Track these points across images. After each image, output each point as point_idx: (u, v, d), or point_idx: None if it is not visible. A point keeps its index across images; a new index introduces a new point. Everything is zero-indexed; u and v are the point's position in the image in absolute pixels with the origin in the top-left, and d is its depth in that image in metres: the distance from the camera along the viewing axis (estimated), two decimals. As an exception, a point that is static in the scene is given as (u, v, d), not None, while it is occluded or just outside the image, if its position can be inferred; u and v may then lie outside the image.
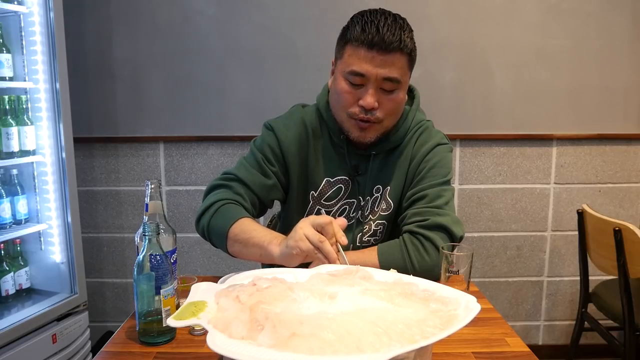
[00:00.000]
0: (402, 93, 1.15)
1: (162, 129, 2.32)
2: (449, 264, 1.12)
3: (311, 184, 1.24)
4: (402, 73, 1.11)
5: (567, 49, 2.27)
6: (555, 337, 2.53)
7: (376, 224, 1.25)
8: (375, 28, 1.07)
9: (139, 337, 0.97)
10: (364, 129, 1.15)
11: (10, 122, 1.82)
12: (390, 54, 1.08)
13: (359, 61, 1.09)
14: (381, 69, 1.08)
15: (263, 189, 1.21)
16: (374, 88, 1.10)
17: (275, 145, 1.22)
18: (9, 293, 1.90)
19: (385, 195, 1.24)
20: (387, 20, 1.08)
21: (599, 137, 2.35)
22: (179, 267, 1.16)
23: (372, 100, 1.10)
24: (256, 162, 1.22)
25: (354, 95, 1.12)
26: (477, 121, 2.32)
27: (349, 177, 1.23)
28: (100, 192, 2.39)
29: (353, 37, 1.10)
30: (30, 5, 1.85)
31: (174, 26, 2.25)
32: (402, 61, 1.10)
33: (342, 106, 1.15)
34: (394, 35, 1.07)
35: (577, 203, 2.34)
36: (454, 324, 0.70)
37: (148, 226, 0.95)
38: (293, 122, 1.24)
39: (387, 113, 1.14)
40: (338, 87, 1.14)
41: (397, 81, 1.11)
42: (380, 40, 1.06)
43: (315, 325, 0.67)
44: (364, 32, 1.07)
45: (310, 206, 1.26)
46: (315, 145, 1.24)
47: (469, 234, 2.42)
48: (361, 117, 1.13)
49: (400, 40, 1.07)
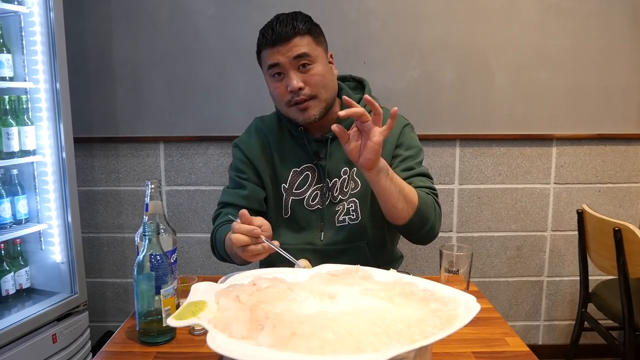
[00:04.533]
0: (319, 65, 1.26)
1: (162, 129, 2.32)
2: (449, 264, 1.13)
3: (280, 178, 1.36)
4: (310, 48, 1.24)
5: (567, 49, 2.27)
6: (555, 337, 2.53)
7: (348, 202, 1.34)
8: (271, 29, 1.24)
9: (139, 337, 0.98)
10: (304, 109, 1.26)
11: (11, 122, 1.82)
12: (290, 41, 1.22)
13: (270, 57, 1.25)
14: (288, 53, 1.22)
15: (244, 200, 1.34)
16: (293, 71, 1.23)
17: (242, 156, 1.38)
18: (9, 293, 1.90)
19: (353, 176, 1.34)
20: (279, 19, 1.24)
21: (599, 137, 2.35)
22: (179, 267, 1.16)
23: (295, 81, 1.23)
24: (233, 181, 1.39)
25: (281, 87, 1.26)
26: (477, 121, 2.32)
27: (312, 163, 1.35)
28: (100, 192, 2.39)
29: (260, 45, 1.28)
30: (30, 5, 1.85)
31: (174, 26, 2.25)
32: (304, 40, 1.24)
33: (279, 100, 1.28)
34: (287, 26, 1.22)
35: (577, 203, 2.35)
36: (454, 324, 0.70)
37: (148, 226, 0.95)
38: (252, 132, 1.41)
39: (314, 86, 1.25)
40: (270, 87, 1.30)
41: (307, 55, 1.23)
42: (277, 36, 1.22)
43: (315, 325, 0.67)
44: (265, 37, 1.25)
45: (284, 198, 1.36)
46: (278, 144, 1.37)
47: (469, 234, 2.43)
48: (296, 100, 1.25)
49: (293, 27, 1.22)
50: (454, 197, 2.39)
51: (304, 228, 1.36)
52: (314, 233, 1.35)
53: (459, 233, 2.42)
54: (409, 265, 2.40)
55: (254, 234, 1.03)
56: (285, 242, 1.35)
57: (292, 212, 1.36)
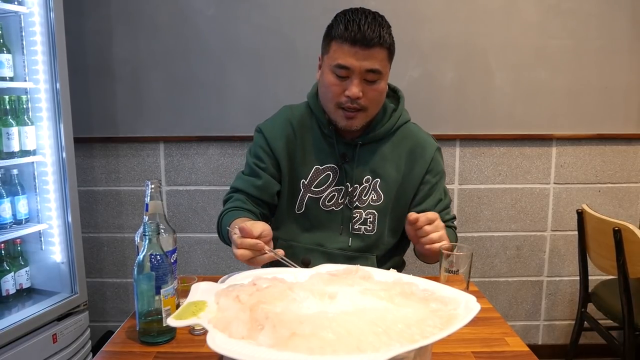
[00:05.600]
0: (383, 83, 1.24)
1: (162, 129, 2.32)
2: (449, 264, 1.13)
3: (301, 173, 1.34)
4: (383, 65, 1.21)
5: (567, 49, 2.28)
6: (555, 336, 2.53)
7: (366, 213, 1.33)
8: (357, 26, 1.17)
9: (139, 336, 0.98)
10: (351, 118, 1.25)
11: (11, 122, 1.82)
12: (371, 48, 1.18)
13: (344, 55, 1.19)
14: (364, 61, 1.18)
15: (257, 190, 1.33)
16: (358, 79, 1.20)
17: (265, 144, 1.35)
18: (9, 293, 1.90)
19: (376, 187, 1.33)
20: (367, 19, 1.18)
21: (599, 137, 2.35)
22: (179, 267, 1.16)
23: (357, 90, 1.20)
24: (249, 168, 1.37)
25: (340, 87, 1.22)
26: (477, 121, 2.32)
27: (336, 164, 1.33)
28: (100, 192, 2.39)
29: (337, 35, 1.19)
30: (30, 5, 1.85)
31: (174, 26, 2.25)
32: (382, 54, 1.20)
33: (331, 97, 1.24)
34: (374, 32, 1.17)
35: (577, 203, 2.35)
36: (454, 324, 0.70)
37: (148, 226, 0.95)
38: (279, 121, 1.37)
39: (370, 101, 1.24)
40: (326, 80, 1.24)
41: (378, 72, 1.20)
42: (362, 37, 1.16)
43: (315, 325, 0.67)
44: (347, 30, 1.17)
45: (301, 194, 1.34)
46: (304, 138, 1.34)
47: (468, 234, 2.43)
48: (348, 105, 1.23)
49: (379, 36, 1.18)
50: (454, 197, 2.39)
51: (315, 227, 1.35)
52: (325, 235, 1.34)
53: (459, 233, 2.41)
54: (409, 265, 2.40)
55: (257, 248, 1.03)
56: (294, 240, 1.35)
57: (307, 210, 1.34)
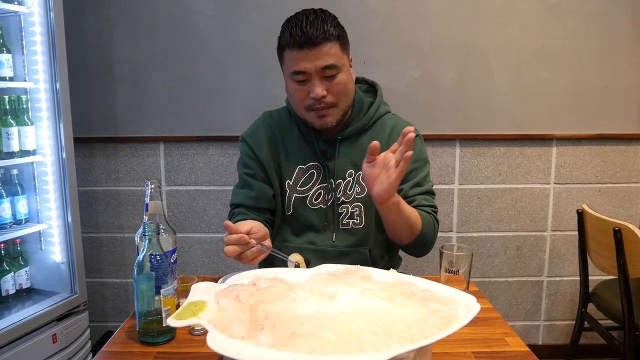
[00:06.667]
0: (344, 74, 1.24)
1: (162, 129, 2.32)
2: (449, 264, 1.13)
3: (285, 174, 1.36)
4: (337, 57, 1.21)
5: (567, 49, 2.27)
6: (555, 337, 2.53)
7: (352, 207, 1.34)
8: (300, 29, 1.18)
9: (139, 337, 0.98)
10: (323, 116, 1.26)
11: (11, 122, 1.82)
12: (320, 46, 1.18)
13: (297, 61, 1.20)
14: (316, 61, 1.19)
15: (253, 200, 1.35)
16: (318, 79, 1.21)
17: (250, 152, 1.37)
18: (9, 293, 1.90)
19: (359, 180, 1.34)
20: (308, 19, 1.19)
21: (599, 137, 2.35)
22: (179, 267, 1.16)
23: (319, 89, 1.21)
24: (241, 180, 1.39)
25: (303, 91, 1.24)
26: (477, 121, 2.32)
27: (319, 162, 1.34)
28: (100, 192, 2.39)
29: (285, 43, 1.22)
30: (30, 5, 1.85)
31: (174, 26, 2.25)
32: (333, 48, 1.20)
33: (298, 103, 1.27)
34: (318, 30, 1.17)
35: (577, 203, 2.35)
36: (454, 324, 0.70)
37: (148, 226, 0.95)
38: (260, 127, 1.40)
39: (337, 96, 1.24)
40: (289, 88, 1.27)
41: (334, 67, 1.21)
42: (307, 38, 1.17)
43: (315, 325, 0.67)
44: (292, 36, 1.19)
45: (287, 195, 1.36)
46: (285, 140, 1.37)
47: (468, 234, 2.43)
48: (316, 107, 1.24)
49: (324, 32, 1.18)
50: (453, 197, 2.39)
51: (305, 227, 1.35)
52: (316, 233, 1.35)
53: (459, 233, 2.42)
54: (409, 265, 2.40)
55: (242, 241, 1.04)
56: (286, 241, 1.36)
57: (295, 210, 1.35)
